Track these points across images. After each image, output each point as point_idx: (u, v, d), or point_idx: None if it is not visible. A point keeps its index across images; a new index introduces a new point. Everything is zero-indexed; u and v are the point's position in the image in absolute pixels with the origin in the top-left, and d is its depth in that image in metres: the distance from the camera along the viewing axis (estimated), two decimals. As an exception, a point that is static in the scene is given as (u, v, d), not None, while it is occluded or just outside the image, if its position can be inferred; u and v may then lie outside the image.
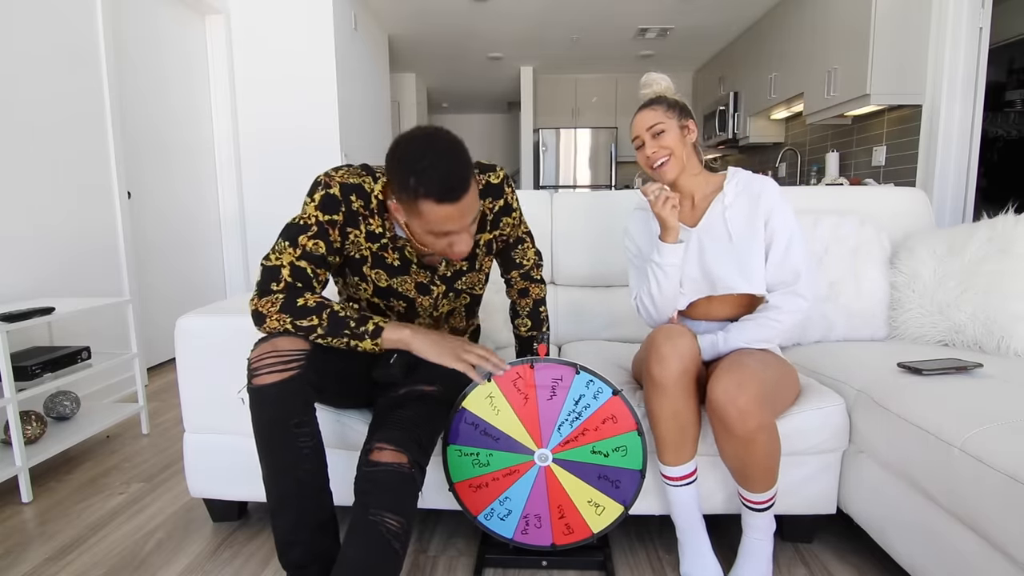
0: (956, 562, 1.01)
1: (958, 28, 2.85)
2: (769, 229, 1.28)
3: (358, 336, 1.08)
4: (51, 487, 1.73)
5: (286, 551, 1.07)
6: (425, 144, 0.98)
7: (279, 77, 3.68)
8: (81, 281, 2.38)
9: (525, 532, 1.25)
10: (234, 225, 3.66)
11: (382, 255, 1.17)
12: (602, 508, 1.22)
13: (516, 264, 1.38)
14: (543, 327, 1.43)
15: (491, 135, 9.04)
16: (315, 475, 1.08)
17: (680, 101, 1.37)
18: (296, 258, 1.07)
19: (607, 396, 1.18)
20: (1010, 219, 1.55)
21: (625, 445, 1.19)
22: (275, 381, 1.02)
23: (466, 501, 1.25)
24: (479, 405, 1.20)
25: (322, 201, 1.08)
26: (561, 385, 1.19)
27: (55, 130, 2.26)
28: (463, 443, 1.22)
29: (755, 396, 1.10)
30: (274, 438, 1.04)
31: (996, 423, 0.99)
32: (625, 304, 1.94)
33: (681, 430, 1.18)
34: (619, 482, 1.21)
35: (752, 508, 1.20)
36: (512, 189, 1.26)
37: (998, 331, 1.47)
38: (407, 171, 0.97)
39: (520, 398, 1.20)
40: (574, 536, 1.24)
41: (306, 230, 1.08)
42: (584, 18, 4.92)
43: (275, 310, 1.06)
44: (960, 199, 2.97)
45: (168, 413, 2.36)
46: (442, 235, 1.05)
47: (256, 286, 1.08)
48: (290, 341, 1.05)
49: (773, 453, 1.15)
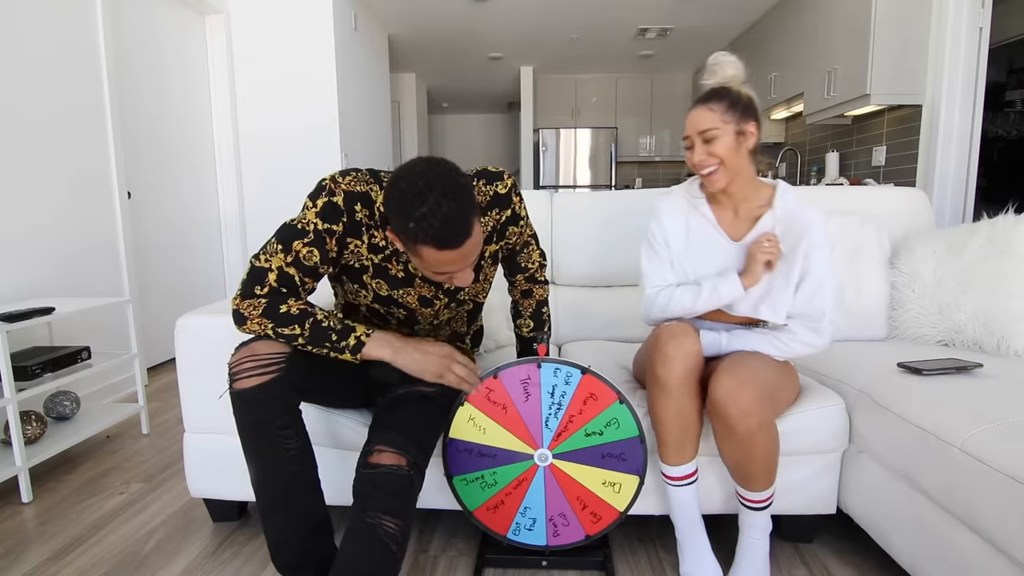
0: (956, 562, 1.01)
1: (958, 28, 2.85)
2: (806, 264, 1.23)
3: (338, 349, 1.06)
4: (51, 487, 1.73)
5: (279, 552, 1.07)
6: (425, 186, 0.91)
7: (279, 77, 3.68)
8: (81, 281, 2.37)
9: (557, 534, 1.25)
10: (234, 225, 3.66)
11: (386, 266, 1.14)
12: (619, 485, 1.22)
13: (521, 268, 1.36)
14: (545, 327, 1.43)
15: (491, 135, 9.04)
16: (303, 476, 1.07)
17: (746, 96, 1.23)
18: (286, 264, 1.04)
19: (577, 377, 1.18)
20: (1010, 219, 1.55)
21: (614, 418, 1.19)
22: (255, 385, 1.01)
23: (490, 525, 1.25)
24: (464, 430, 1.21)
25: (324, 209, 1.04)
26: (531, 383, 1.19)
27: (55, 130, 2.26)
28: (464, 471, 1.22)
29: (756, 395, 1.10)
30: (258, 441, 1.04)
31: (996, 423, 0.99)
32: (625, 304, 1.94)
33: (684, 430, 1.18)
34: (624, 455, 1.20)
35: (750, 507, 1.20)
36: (520, 198, 1.21)
37: (998, 331, 1.47)
38: (405, 215, 0.92)
39: (499, 410, 1.20)
40: (603, 521, 1.23)
41: (302, 236, 1.04)
42: (584, 18, 4.92)
43: (257, 314, 1.04)
44: (960, 199, 2.97)
45: (168, 413, 2.36)
46: (441, 273, 1.02)
47: (240, 284, 1.05)
48: (268, 345, 1.04)
49: (772, 452, 1.15)
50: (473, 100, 8.24)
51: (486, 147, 9.03)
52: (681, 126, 7.03)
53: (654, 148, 7.00)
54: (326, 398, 1.25)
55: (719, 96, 1.22)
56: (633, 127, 6.95)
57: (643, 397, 1.31)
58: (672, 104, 6.88)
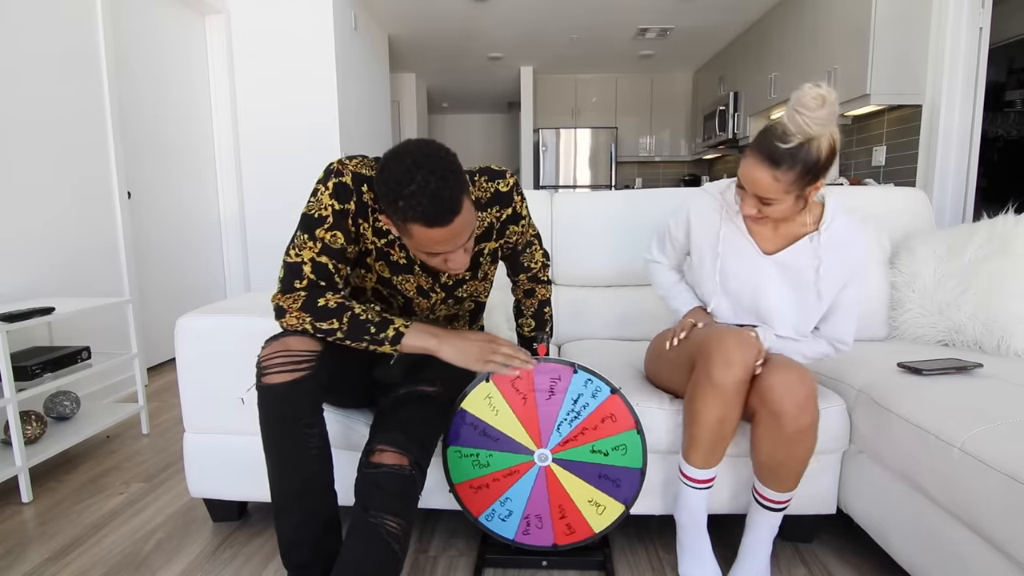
0: (956, 562, 1.01)
1: (958, 28, 2.85)
2: (843, 295, 1.24)
3: (377, 341, 1.06)
4: (51, 487, 1.73)
5: (289, 551, 1.07)
6: (413, 165, 0.92)
7: (279, 77, 3.68)
8: (81, 281, 2.38)
9: (526, 532, 1.25)
10: (234, 225, 3.66)
11: (388, 251, 1.15)
12: (603, 508, 1.22)
13: (524, 268, 1.35)
14: (546, 327, 1.43)
15: (491, 135, 9.04)
16: (322, 476, 1.08)
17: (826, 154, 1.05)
18: (317, 253, 1.05)
19: (606, 395, 1.18)
20: (1010, 219, 1.55)
21: (625, 444, 1.19)
22: (286, 380, 1.01)
23: (467, 502, 1.25)
24: (478, 406, 1.20)
25: (336, 189, 1.04)
26: (559, 385, 1.18)
27: (55, 130, 2.26)
28: (463, 444, 1.22)
29: (812, 392, 1.10)
30: (283, 438, 1.03)
31: (996, 423, 0.99)
32: (626, 303, 1.94)
33: (722, 435, 1.16)
34: (619, 481, 1.20)
35: (767, 506, 1.19)
36: (522, 197, 1.21)
37: (998, 331, 1.47)
38: (394, 194, 0.92)
39: (519, 398, 1.19)
40: (575, 536, 1.24)
41: (322, 223, 1.05)
42: (584, 18, 4.92)
43: (296, 307, 1.05)
44: (960, 199, 2.97)
45: (168, 413, 2.36)
46: (434, 254, 1.02)
47: (279, 282, 1.07)
48: (302, 341, 1.04)
49: (810, 453, 1.14)
50: (473, 100, 8.24)
51: (486, 147, 9.02)
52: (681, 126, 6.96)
53: (654, 148, 7.00)
54: (337, 398, 1.25)
55: (791, 161, 1.05)
56: (633, 127, 6.95)
57: (654, 396, 1.31)
58: (672, 104, 6.88)
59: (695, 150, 6.64)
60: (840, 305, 1.25)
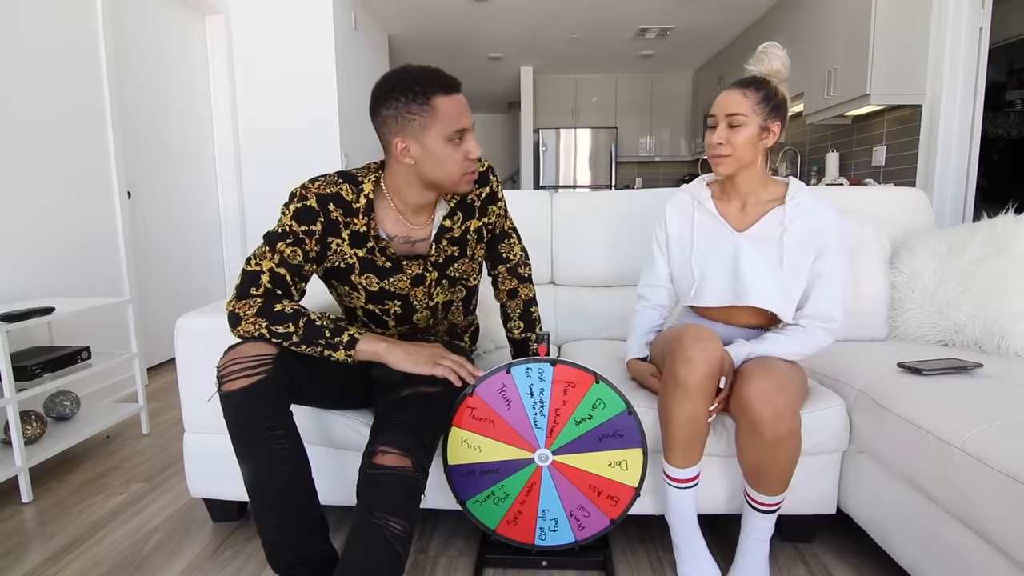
0: (956, 562, 1.01)
1: (958, 28, 2.85)
2: (819, 265, 1.25)
3: (332, 346, 1.08)
4: (51, 487, 1.73)
5: (274, 552, 1.07)
6: (405, 67, 1.08)
7: (279, 77, 3.68)
8: (81, 281, 2.38)
9: (582, 528, 1.24)
10: (234, 225, 3.66)
11: (371, 259, 1.17)
12: (624, 462, 1.21)
13: (503, 258, 1.38)
14: (536, 327, 1.43)
15: (491, 135, 9.04)
16: (296, 475, 1.07)
17: (781, 95, 1.25)
18: (276, 264, 1.10)
19: (550, 370, 1.18)
20: (1010, 219, 1.55)
21: (598, 398, 1.18)
22: (243, 386, 1.01)
23: (516, 537, 1.25)
24: (460, 454, 1.21)
25: (296, 213, 1.10)
26: (509, 391, 1.18)
27: (55, 130, 2.26)
28: (475, 493, 1.23)
29: (791, 401, 1.11)
30: (248, 442, 1.04)
31: (996, 423, 0.99)
32: (626, 304, 1.93)
33: (695, 433, 1.17)
34: (619, 431, 1.19)
35: (758, 509, 1.20)
36: (496, 179, 1.29)
37: (998, 331, 1.47)
38: (408, 85, 1.05)
39: (487, 425, 1.20)
40: (621, 503, 1.22)
41: (284, 237, 1.11)
42: (584, 18, 4.92)
43: (252, 313, 1.07)
44: (960, 199, 2.97)
45: (168, 413, 2.36)
46: (457, 137, 1.08)
47: (235, 289, 1.11)
48: (256, 347, 1.05)
49: (794, 459, 1.15)
50: (473, 100, 8.24)
51: (486, 147, 9.01)
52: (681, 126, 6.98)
53: (654, 148, 7.00)
54: (324, 400, 1.25)
55: (757, 85, 1.23)
56: (633, 127, 6.95)
57: (643, 397, 1.31)
58: (672, 104, 6.89)
59: (695, 150, 6.64)
60: (818, 277, 1.25)
